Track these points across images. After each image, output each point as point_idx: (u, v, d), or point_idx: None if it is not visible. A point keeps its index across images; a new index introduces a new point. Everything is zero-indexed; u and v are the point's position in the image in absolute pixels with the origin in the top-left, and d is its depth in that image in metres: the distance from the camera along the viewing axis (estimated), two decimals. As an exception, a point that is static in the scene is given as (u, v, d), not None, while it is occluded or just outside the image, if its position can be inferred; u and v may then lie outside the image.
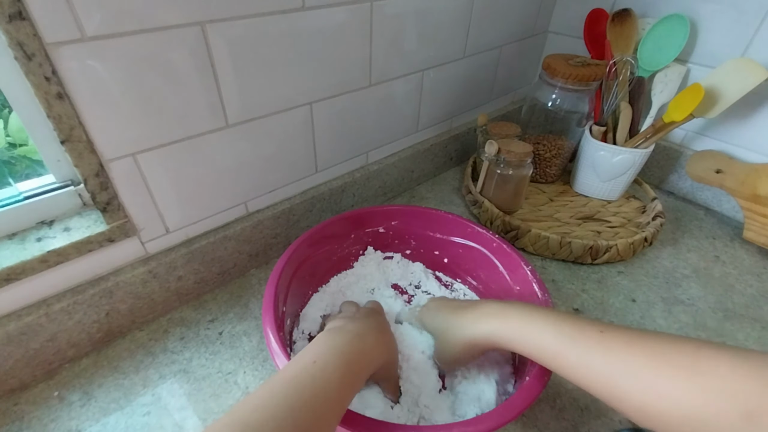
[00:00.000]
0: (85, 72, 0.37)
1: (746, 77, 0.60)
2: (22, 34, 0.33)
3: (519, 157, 0.63)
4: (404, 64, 0.63)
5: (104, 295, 0.47)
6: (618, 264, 0.63)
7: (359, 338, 0.36)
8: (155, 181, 0.46)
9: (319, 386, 0.29)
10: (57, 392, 0.45)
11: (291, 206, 0.60)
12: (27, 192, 0.43)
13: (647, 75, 0.69)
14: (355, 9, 0.52)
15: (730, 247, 0.67)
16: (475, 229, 0.54)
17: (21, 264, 0.40)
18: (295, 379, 0.29)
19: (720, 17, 0.65)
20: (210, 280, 0.57)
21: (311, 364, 0.31)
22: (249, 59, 0.46)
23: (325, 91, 0.56)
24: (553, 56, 0.69)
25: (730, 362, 0.25)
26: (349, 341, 0.35)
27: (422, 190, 0.79)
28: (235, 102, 0.47)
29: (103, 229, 0.44)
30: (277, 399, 0.27)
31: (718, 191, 0.73)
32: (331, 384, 0.30)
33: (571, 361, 0.31)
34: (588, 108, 0.70)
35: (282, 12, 0.46)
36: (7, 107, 0.40)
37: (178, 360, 0.49)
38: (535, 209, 0.72)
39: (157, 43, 0.39)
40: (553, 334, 0.33)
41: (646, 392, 0.27)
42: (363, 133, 0.65)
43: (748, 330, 0.54)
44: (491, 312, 0.38)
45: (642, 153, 0.66)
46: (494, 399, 0.43)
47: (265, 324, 0.40)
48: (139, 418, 0.43)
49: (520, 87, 0.93)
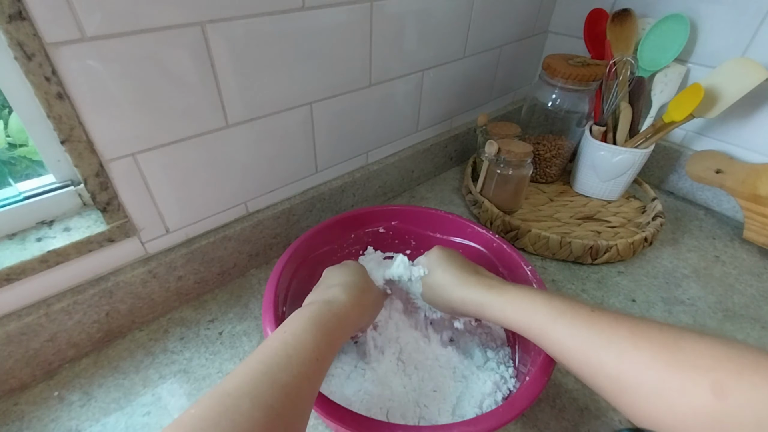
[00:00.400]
0: (85, 72, 0.37)
1: (746, 77, 0.60)
2: (22, 34, 0.33)
3: (519, 157, 0.63)
4: (404, 64, 0.63)
5: (104, 295, 0.47)
6: (618, 264, 0.63)
7: (335, 307, 0.36)
8: (155, 181, 0.46)
9: (295, 358, 0.29)
10: (57, 392, 0.45)
11: (291, 206, 0.60)
12: (27, 192, 0.43)
13: (647, 75, 0.69)
14: (355, 9, 0.52)
15: (730, 247, 0.67)
16: (475, 229, 0.54)
17: (21, 264, 0.40)
18: (272, 349, 0.30)
19: (720, 17, 0.65)
20: (210, 280, 0.57)
21: (285, 334, 0.31)
22: (249, 59, 0.46)
23: (325, 91, 0.56)
24: (553, 56, 0.69)
25: (711, 344, 0.25)
26: (325, 312, 0.35)
27: (422, 190, 0.79)
28: (235, 102, 0.47)
29: (103, 229, 0.44)
30: (255, 369, 0.28)
31: (718, 191, 0.73)
32: (306, 351, 0.30)
33: (557, 333, 0.32)
34: (588, 108, 0.70)
35: (282, 12, 0.46)
36: (7, 107, 0.40)
37: (178, 360, 0.49)
38: (535, 209, 0.72)
39: (157, 43, 0.39)
40: (545, 309, 0.34)
41: (621, 360, 0.27)
42: (363, 133, 0.65)
43: (748, 330, 0.54)
44: (493, 284, 0.39)
45: (642, 153, 0.66)
46: (494, 399, 0.43)
47: (265, 324, 0.40)
48: (139, 418, 0.43)
49: (520, 87, 0.93)
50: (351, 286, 0.40)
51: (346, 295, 0.38)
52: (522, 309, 0.35)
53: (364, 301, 0.40)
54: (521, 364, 0.45)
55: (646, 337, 0.27)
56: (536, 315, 0.34)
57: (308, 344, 0.31)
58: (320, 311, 0.35)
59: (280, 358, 0.29)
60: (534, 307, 0.34)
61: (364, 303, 0.40)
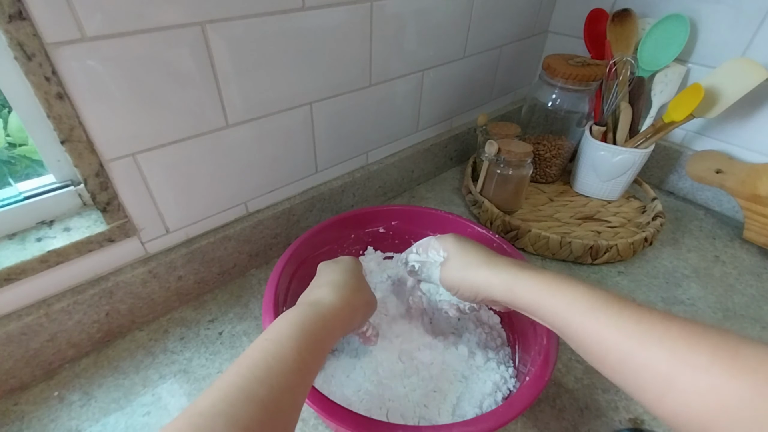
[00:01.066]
0: (85, 72, 0.37)
1: (746, 77, 0.60)
2: (22, 34, 0.33)
3: (519, 157, 0.63)
4: (404, 64, 0.63)
5: (104, 295, 0.47)
6: (618, 264, 0.63)
7: (323, 308, 0.34)
8: (155, 181, 0.46)
9: (275, 369, 0.28)
10: (57, 392, 0.45)
11: (291, 206, 0.60)
12: (27, 192, 0.43)
13: (647, 75, 0.69)
14: (355, 9, 0.52)
15: (730, 247, 0.67)
16: (475, 229, 0.54)
17: (21, 264, 0.40)
18: (251, 360, 0.28)
19: (720, 17, 0.65)
20: (210, 280, 0.57)
21: (267, 342, 0.29)
22: (249, 59, 0.46)
23: (325, 91, 0.56)
24: (553, 56, 0.69)
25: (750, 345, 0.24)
26: (311, 315, 0.33)
27: (422, 190, 0.79)
28: (235, 102, 0.47)
29: (103, 229, 0.44)
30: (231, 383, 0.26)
31: (718, 191, 0.73)
32: (288, 361, 0.28)
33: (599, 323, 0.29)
34: (588, 108, 0.70)
35: (282, 12, 0.46)
36: (7, 107, 0.40)
37: (178, 360, 0.49)
38: (535, 209, 0.72)
39: (157, 43, 0.39)
40: (588, 295, 0.31)
41: (674, 359, 0.25)
42: (363, 133, 0.65)
43: (748, 330, 0.54)
44: (525, 265, 0.37)
45: (642, 153, 0.66)
46: (494, 399, 0.43)
47: (265, 324, 0.40)
48: (139, 418, 0.43)
49: (520, 87, 0.93)
50: (341, 285, 0.38)
51: (334, 295, 0.36)
52: (561, 293, 0.32)
53: (354, 302, 0.38)
54: (521, 364, 0.45)
55: (703, 339, 0.25)
56: (576, 302, 0.30)
57: (291, 353, 0.29)
58: (305, 315, 0.33)
59: (259, 369, 0.27)
60: (575, 293, 0.31)
61: (354, 303, 0.38)
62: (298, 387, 0.28)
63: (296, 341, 0.30)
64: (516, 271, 0.35)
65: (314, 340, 0.31)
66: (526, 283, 0.34)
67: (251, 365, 0.27)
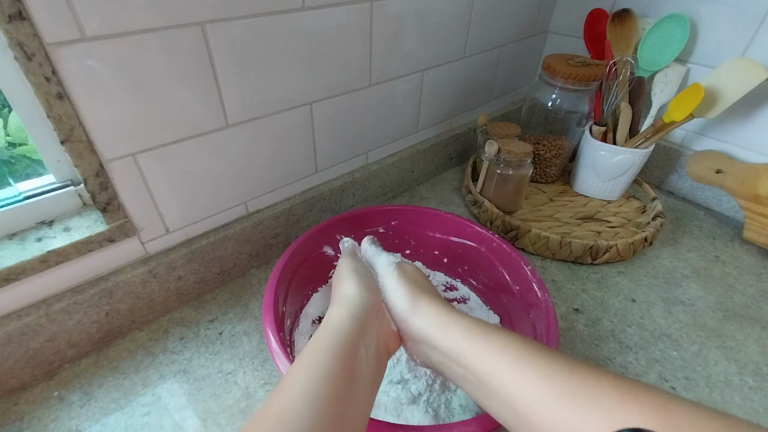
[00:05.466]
0: (85, 72, 0.37)
1: (746, 77, 0.60)
2: (22, 34, 0.33)
3: (519, 157, 0.63)
4: (404, 64, 0.63)
5: (104, 295, 0.47)
6: (618, 264, 0.63)
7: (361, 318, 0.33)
8: (155, 181, 0.46)
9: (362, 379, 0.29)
10: (57, 392, 0.45)
11: (291, 206, 0.60)
12: (27, 192, 0.43)
13: (647, 75, 0.69)
14: (355, 9, 0.52)
15: (730, 247, 0.67)
16: (475, 229, 0.54)
17: (21, 264, 0.40)
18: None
19: (720, 17, 0.65)
20: (210, 280, 0.57)
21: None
22: (249, 59, 0.46)
23: (325, 91, 0.56)
24: (553, 56, 0.69)
25: (705, 413, 0.23)
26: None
27: (422, 190, 0.79)
28: (235, 102, 0.47)
29: (103, 229, 0.44)
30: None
31: (718, 191, 0.73)
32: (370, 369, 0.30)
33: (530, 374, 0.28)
34: (588, 108, 0.70)
35: (282, 12, 0.46)
36: (7, 107, 0.40)
37: (178, 360, 0.49)
38: (535, 209, 0.72)
39: (157, 43, 0.39)
40: (519, 342, 0.30)
41: (609, 418, 0.24)
42: (363, 133, 0.65)
43: (748, 330, 0.54)
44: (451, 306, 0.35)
45: (642, 153, 0.66)
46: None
47: (265, 324, 0.40)
48: (139, 418, 0.43)
49: (520, 87, 0.93)
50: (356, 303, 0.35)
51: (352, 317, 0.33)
52: (495, 338, 0.30)
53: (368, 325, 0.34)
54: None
55: (635, 397, 0.25)
56: (509, 346, 0.29)
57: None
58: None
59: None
60: (507, 338, 0.30)
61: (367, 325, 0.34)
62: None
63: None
64: (444, 310, 0.34)
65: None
66: (449, 323, 0.32)
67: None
